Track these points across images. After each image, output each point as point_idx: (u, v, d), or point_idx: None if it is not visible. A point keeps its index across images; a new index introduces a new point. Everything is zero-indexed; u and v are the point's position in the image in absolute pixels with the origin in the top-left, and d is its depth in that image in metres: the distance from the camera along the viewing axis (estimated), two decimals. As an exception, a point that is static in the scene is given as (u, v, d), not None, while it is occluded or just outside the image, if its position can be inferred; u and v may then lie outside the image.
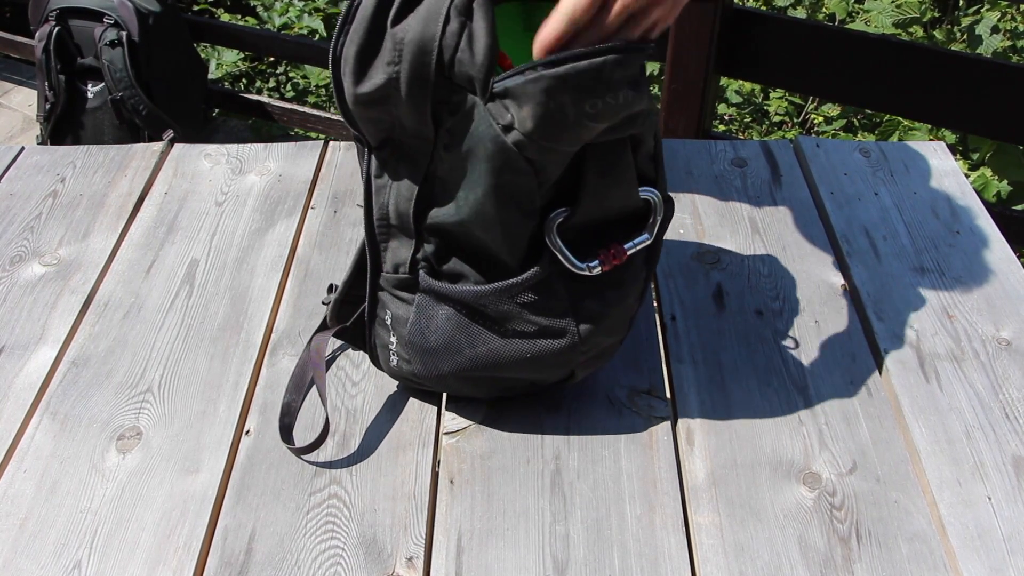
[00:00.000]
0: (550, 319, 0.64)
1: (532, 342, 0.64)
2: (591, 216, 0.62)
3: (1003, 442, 0.70)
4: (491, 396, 0.73)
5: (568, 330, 0.64)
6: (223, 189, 0.98)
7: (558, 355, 0.65)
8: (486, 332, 0.65)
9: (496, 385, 0.70)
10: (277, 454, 0.70)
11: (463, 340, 0.65)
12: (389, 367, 0.71)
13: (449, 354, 0.66)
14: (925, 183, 0.97)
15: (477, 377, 0.68)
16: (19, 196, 0.98)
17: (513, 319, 0.64)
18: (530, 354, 0.65)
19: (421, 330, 0.66)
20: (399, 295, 0.67)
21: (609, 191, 0.61)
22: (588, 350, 0.66)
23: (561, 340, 0.64)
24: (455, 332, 0.65)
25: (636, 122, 0.58)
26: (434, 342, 0.66)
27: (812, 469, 0.68)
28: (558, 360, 0.66)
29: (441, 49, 0.55)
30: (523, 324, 0.64)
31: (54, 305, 0.84)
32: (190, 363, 0.78)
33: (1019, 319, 0.81)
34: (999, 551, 0.63)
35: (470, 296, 0.63)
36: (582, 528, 0.64)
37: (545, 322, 0.64)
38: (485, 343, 0.65)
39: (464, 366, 0.66)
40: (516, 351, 0.65)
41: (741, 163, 1.00)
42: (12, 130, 2.54)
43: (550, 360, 0.65)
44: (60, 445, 0.71)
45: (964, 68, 1.40)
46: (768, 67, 1.57)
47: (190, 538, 0.64)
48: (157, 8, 2.02)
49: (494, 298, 0.63)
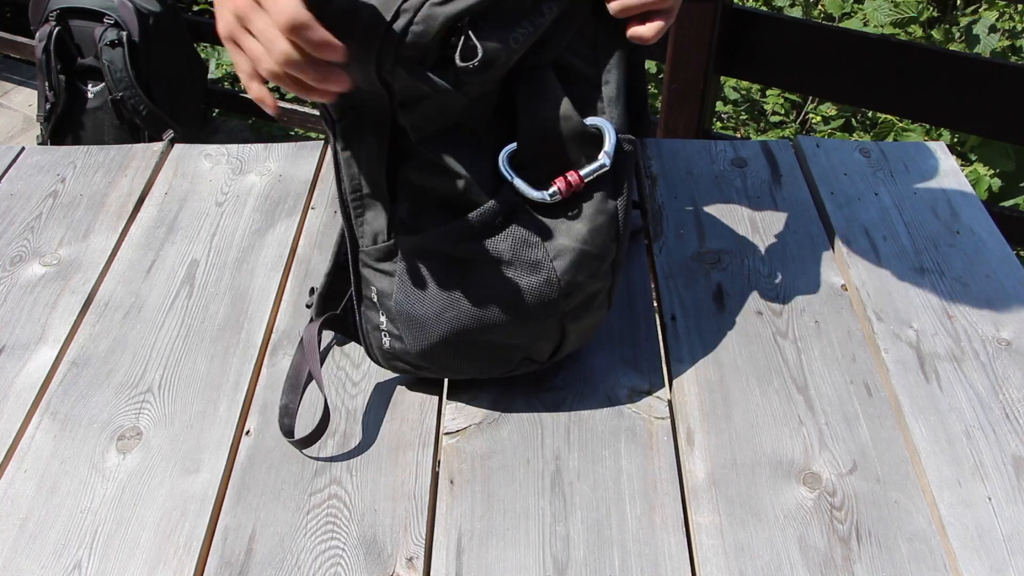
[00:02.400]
0: (522, 253, 0.64)
1: (510, 282, 0.64)
2: (536, 142, 0.64)
3: (1003, 442, 0.70)
4: (489, 374, 0.72)
5: (542, 263, 0.64)
6: (223, 189, 0.98)
7: (538, 295, 0.65)
8: (466, 281, 0.65)
9: (490, 355, 0.69)
10: (277, 454, 0.70)
11: (446, 298, 0.66)
12: (383, 351, 0.71)
13: (436, 318, 0.66)
14: (925, 183, 0.97)
15: (468, 344, 0.68)
16: (19, 196, 0.98)
17: (487, 260, 0.64)
18: (511, 297, 0.65)
19: (407, 296, 0.67)
20: (381, 268, 0.68)
21: (540, 110, 0.64)
22: (569, 290, 0.66)
23: (538, 275, 0.65)
24: (437, 291, 0.66)
25: (548, 47, 0.64)
26: (419, 308, 0.67)
27: (812, 469, 0.68)
28: (540, 302, 0.65)
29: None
30: (497, 265, 0.64)
31: (54, 305, 0.84)
32: (190, 363, 0.78)
33: (1019, 319, 0.81)
34: (999, 551, 0.63)
35: (439, 239, 0.64)
36: (582, 528, 0.64)
37: (517, 257, 0.64)
38: (467, 294, 0.65)
39: (452, 327, 0.66)
40: (497, 297, 0.65)
41: (741, 163, 1.00)
42: (12, 130, 2.54)
43: (533, 304, 0.65)
44: (60, 445, 0.71)
45: (963, 68, 1.40)
46: (768, 67, 1.58)
47: (190, 538, 0.64)
48: (157, 8, 2.01)
49: (462, 236, 0.64)
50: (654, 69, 2.39)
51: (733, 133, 2.38)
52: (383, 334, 0.70)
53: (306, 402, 0.74)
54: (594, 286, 0.68)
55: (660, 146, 1.03)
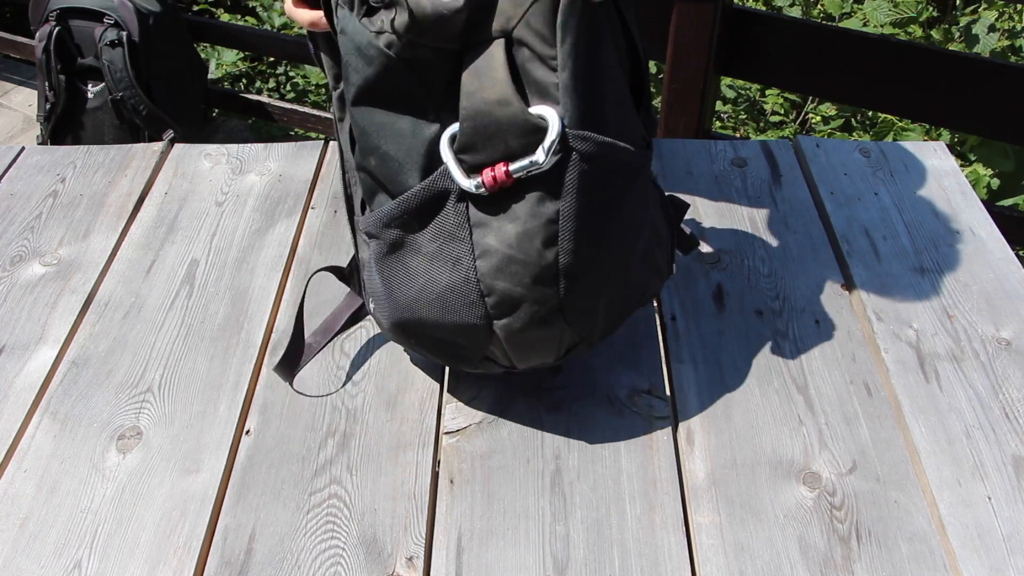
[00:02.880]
0: (446, 246, 0.60)
1: (432, 273, 0.61)
2: (475, 126, 0.58)
3: (1003, 442, 0.70)
4: (457, 366, 0.70)
5: (462, 260, 0.60)
6: (223, 189, 0.98)
7: (460, 295, 0.61)
8: (400, 265, 0.63)
9: (440, 348, 0.66)
10: (277, 454, 0.70)
11: (383, 284, 0.65)
12: (374, 316, 0.70)
13: (386, 298, 0.65)
14: (925, 183, 0.97)
15: (412, 333, 0.66)
16: (19, 196, 0.98)
17: (418, 247, 0.62)
18: (433, 291, 0.62)
19: (369, 272, 0.67)
20: (363, 238, 0.69)
21: (481, 91, 0.57)
22: (490, 295, 0.61)
23: (458, 273, 0.60)
24: (382, 271, 0.64)
25: (498, 18, 0.58)
26: (373, 285, 0.67)
27: (812, 469, 0.68)
28: (462, 302, 0.61)
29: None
30: (420, 254, 0.62)
31: (54, 305, 0.84)
32: (190, 363, 0.78)
33: (1019, 319, 0.81)
34: (999, 551, 0.63)
35: (371, 221, 0.63)
36: (582, 528, 0.64)
37: (441, 250, 0.61)
38: (396, 282, 0.64)
39: (393, 313, 0.65)
40: (422, 287, 0.62)
41: (741, 163, 1.00)
42: (12, 130, 2.53)
43: (454, 302, 0.61)
44: (60, 445, 0.71)
45: (963, 68, 1.40)
46: (768, 67, 1.57)
47: (190, 538, 0.64)
48: (157, 8, 2.02)
49: (395, 219, 0.61)
50: (654, 69, 2.39)
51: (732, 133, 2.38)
52: (369, 298, 0.70)
53: (307, 404, 0.74)
54: (523, 295, 0.60)
55: (660, 146, 1.03)
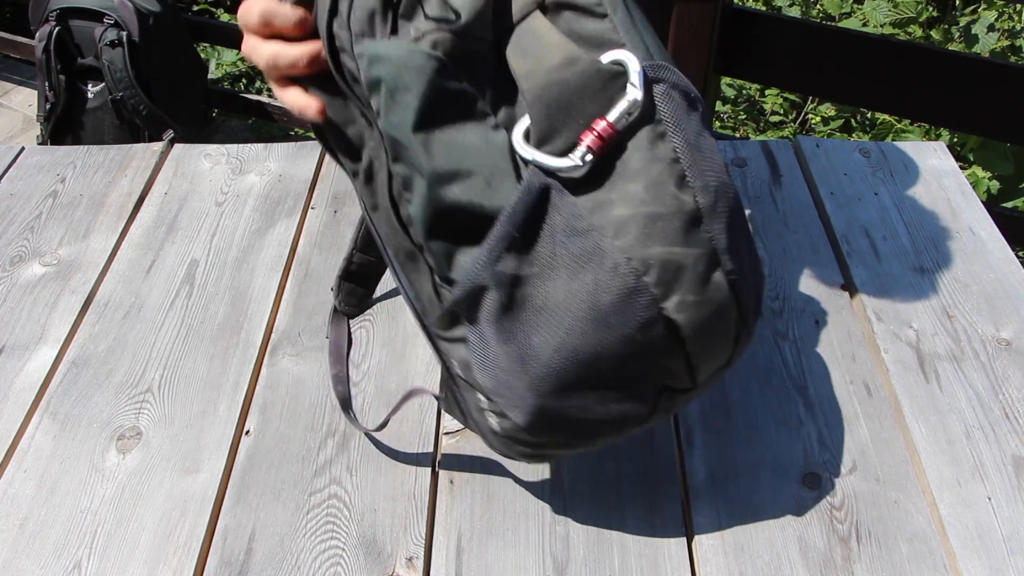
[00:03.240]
0: (570, 245, 0.50)
1: (573, 290, 0.50)
2: (545, 104, 0.50)
3: (1003, 442, 0.70)
4: (628, 424, 0.56)
5: (600, 249, 0.50)
6: (223, 189, 0.98)
7: (615, 290, 0.50)
8: (523, 312, 0.51)
9: (609, 397, 0.54)
10: (277, 454, 0.70)
11: (513, 345, 0.52)
12: (497, 437, 0.57)
13: (520, 373, 0.52)
14: (925, 183, 0.97)
15: (571, 391, 0.53)
16: (19, 196, 0.98)
17: (536, 276, 0.51)
18: (582, 308, 0.50)
19: (483, 360, 0.53)
20: (451, 336, 0.55)
21: (540, 63, 0.50)
22: (648, 272, 0.50)
23: (601, 267, 0.50)
24: (500, 340, 0.52)
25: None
26: (499, 370, 0.53)
27: (812, 469, 0.68)
28: (620, 296, 0.50)
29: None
30: (549, 275, 0.51)
31: (54, 305, 0.84)
32: (190, 363, 0.78)
33: (1019, 319, 0.81)
34: (999, 551, 0.63)
35: (474, 273, 0.51)
36: (582, 528, 0.64)
37: (568, 253, 0.50)
38: (532, 330, 0.51)
39: (538, 378, 0.52)
40: (565, 316, 0.51)
41: (741, 163, 1.00)
42: (12, 130, 2.54)
43: (609, 304, 0.50)
44: (60, 445, 0.71)
45: (963, 68, 1.40)
46: (768, 67, 1.58)
47: (190, 538, 0.64)
48: (157, 8, 2.02)
49: (504, 241, 0.50)
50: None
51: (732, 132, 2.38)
52: (487, 415, 0.57)
53: (305, 407, 0.74)
54: (682, 255, 0.50)
55: (660, 146, 1.03)
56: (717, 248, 0.52)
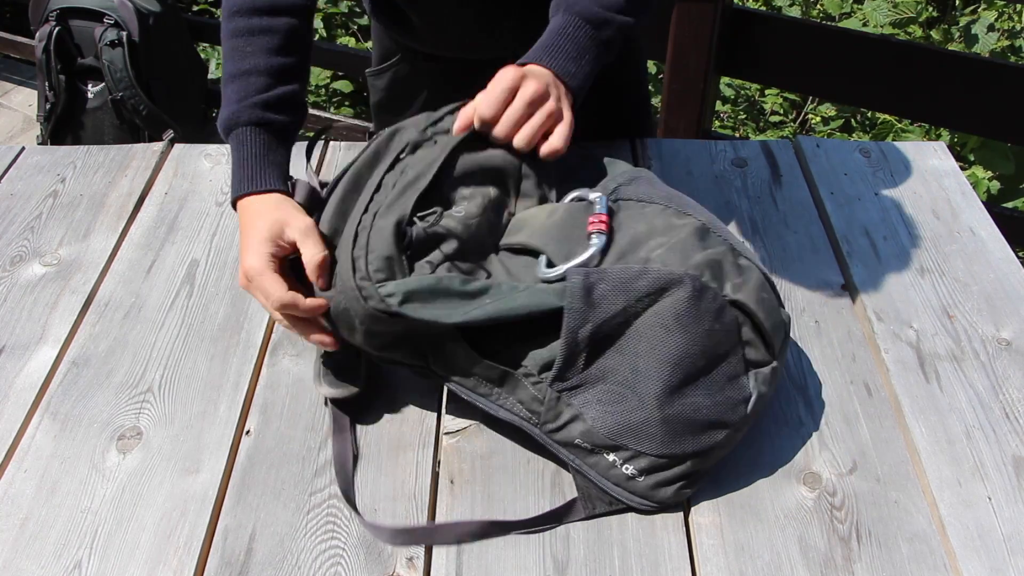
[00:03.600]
0: (632, 286, 0.63)
1: (657, 330, 0.63)
2: (560, 238, 0.68)
3: (1003, 442, 0.70)
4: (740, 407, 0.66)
5: (652, 271, 0.64)
6: (223, 189, 0.98)
7: (686, 302, 0.63)
8: (626, 341, 0.63)
9: (717, 378, 0.64)
10: (277, 454, 0.70)
11: (619, 365, 0.63)
12: (639, 485, 0.65)
13: (631, 388, 0.63)
14: (925, 183, 0.97)
15: (674, 389, 0.63)
16: (19, 196, 0.98)
17: (613, 337, 0.64)
18: (670, 327, 0.63)
19: (605, 406, 0.64)
20: (563, 423, 0.65)
21: (537, 221, 0.70)
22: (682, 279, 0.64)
23: (681, 288, 0.63)
24: (605, 368, 0.64)
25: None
26: (612, 400, 0.64)
27: (812, 469, 0.68)
28: (693, 300, 0.63)
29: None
30: (631, 334, 0.64)
31: (54, 305, 0.84)
32: (190, 363, 0.78)
33: (1019, 319, 0.81)
34: (999, 551, 0.63)
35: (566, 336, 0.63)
36: (582, 528, 0.64)
37: (635, 294, 0.63)
38: (638, 349, 0.63)
39: (651, 382, 0.63)
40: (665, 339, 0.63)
41: (741, 163, 1.00)
42: (12, 130, 2.54)
43: (685, 312, 0.63)
44: (60, 445, 0.71)
45: (963, 68, 1.40)
46: (768, 67, 1.58)
47: (190, 538, 0.64)
48: (157, 8, 2.02)
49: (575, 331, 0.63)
50: (654, 69, 2.39)
51: (732, 132, 2.38)
52: (622, 468, 0.64)
53: (303, 409, 0.74)
54: (715, 254, 0.65)
55: (660, 146, 1.03)
56: (732, 244, 0.68)
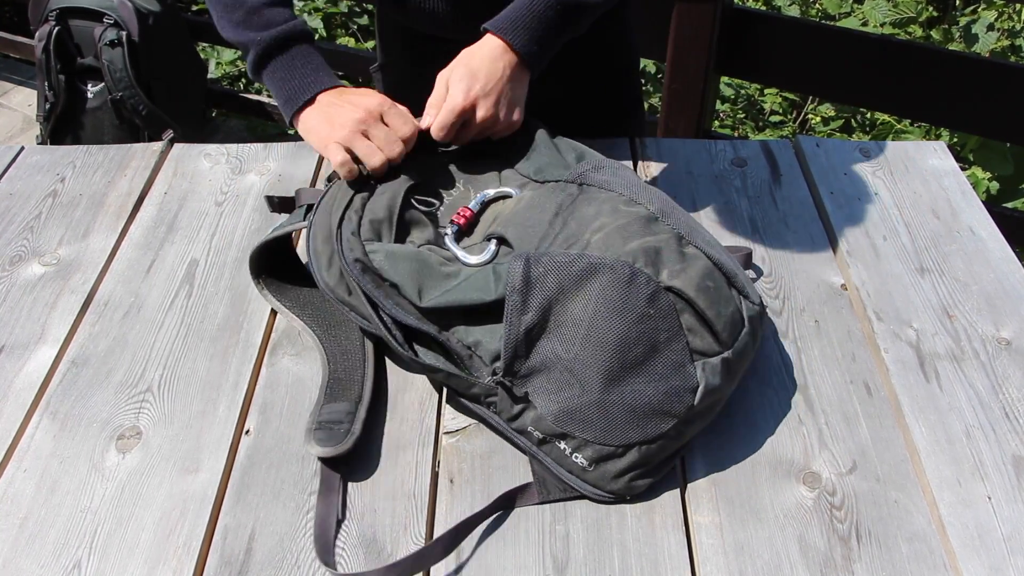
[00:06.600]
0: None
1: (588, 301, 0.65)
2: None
3: (1003, 442, 0.70)
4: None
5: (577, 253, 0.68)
6: (223, 189, 0.98)
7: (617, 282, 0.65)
8: (562, 327, 0.65)
9: (651, 358, 0.65)
10: (277, 454, 0.70)
11: (560, 353, 0.65)
12: (589, 474, 0.65)
13: (571, 373, 0.64)
14: (925, 183, 0.97)
15: (614, 375, 0.64)
16: (19, 196, 0.98)
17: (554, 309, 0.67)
18: (600, 302, 0.65)
19: (550, 395, 0.65)
20: (518, 412, 0.67)
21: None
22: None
23: (618, 270, 0.65)
24: (546, 356, 0.65)
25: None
26: (555, 385, 0.65)
27: (812, 469, 0.68)
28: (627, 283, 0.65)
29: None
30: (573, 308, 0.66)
31: (54, 305, 0.84)
32: (190, 363, 0.78)
33: (1019, 319, 0.81)
34: (999, 551, 0.63)
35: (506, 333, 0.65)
36: (582, 528, 0.64)
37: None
38: (573, 335, 0.64)
39: (590, 368, 0.64)
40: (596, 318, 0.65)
41: (741, 163, 1.00)
42: (12, 130, 2.54)
43: (618, 296, 0.65)
44: (60, 445, 0.71)
45: (963, 68, 1.40)
46: (768, 67, 1.58)
47: (190, 538, 0.64)
48: (157, 8, 2.02)
49: (516, 317, 0.66)
50: (653, 69, 2.39)
51: (731, 132, 2.38)
52: (574, 458, 0.65)
53: (302, 405, 0.74)
54: (655, 241, 0.68)
55: (660, 146, 1.03)
56: (680, 232, 0.69)
